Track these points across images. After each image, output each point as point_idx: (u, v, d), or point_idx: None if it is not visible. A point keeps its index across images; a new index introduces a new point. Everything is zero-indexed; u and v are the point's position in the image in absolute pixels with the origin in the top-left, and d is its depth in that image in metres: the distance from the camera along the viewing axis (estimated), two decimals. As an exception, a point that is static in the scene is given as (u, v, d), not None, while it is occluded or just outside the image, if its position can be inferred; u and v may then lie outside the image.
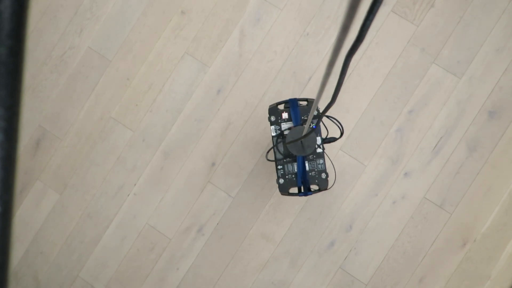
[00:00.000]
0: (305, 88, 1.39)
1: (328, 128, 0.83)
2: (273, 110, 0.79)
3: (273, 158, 0.79)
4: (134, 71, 1.45)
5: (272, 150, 0.79)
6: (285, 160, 0.78)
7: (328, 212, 1.38)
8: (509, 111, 1.33)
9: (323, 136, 0.79)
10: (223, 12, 1.42)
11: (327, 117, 0.81)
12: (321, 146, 0.77)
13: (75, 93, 1.47)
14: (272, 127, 0.79)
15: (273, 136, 0.79)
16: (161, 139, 1.44)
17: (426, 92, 1.35)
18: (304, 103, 0.81)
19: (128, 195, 1.45)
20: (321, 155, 0.77)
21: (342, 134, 0.78)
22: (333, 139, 0.79)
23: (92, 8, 1.47)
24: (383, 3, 1.38)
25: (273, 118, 0.79)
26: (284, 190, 0.78)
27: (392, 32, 1.37)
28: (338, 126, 0.78)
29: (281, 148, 0.78)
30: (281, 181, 0.78)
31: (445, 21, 1.35)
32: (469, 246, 1.34)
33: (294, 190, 0.79)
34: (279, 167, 0.78)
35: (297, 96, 1.38)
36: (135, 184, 1.44)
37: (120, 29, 1.46)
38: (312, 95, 1.39)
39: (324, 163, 0.77)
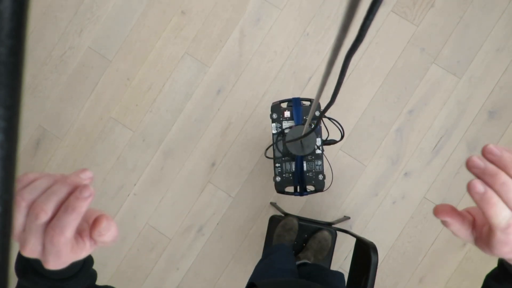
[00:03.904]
0: (305, 88, 1.39)
1: (329, 130, 0.83)
2: (276, 108, 0.79)
3: (271, 156, 0.79)
4: (134, 71, 1.45)
5: (272, 147, 0.79)
6: (283, 159, 0.78)
7: (328, 212, 1.38)
8: (509, 111, 1.33)
9: (324, 137, 0.78)
10: (223, 12, 1.42)
11: (329, 118, 0.81)
12: (321, 147, 0.77)
13: (75, 93, 1.47)
14: (273, 124, 0.79)
15: (273, 134, 0.78)
16: (161, 139, 1.44)
17: (426, 92, 1.35)
18: (308, 103, 0.80)
19: (128, 195, 1.45)
20: (320, 157, 0.77)
21: (342, 137, 0.77)
22: (333, 141, 0.79)
23: (92, 8, 1.46)
24: (383, 3, 1.38)
25: (275, 116, 0.79)
26: (280, 188, 0.78)
27: (392, 32, 1.36)
28: (339, 129, 0.78)
29: (281, 147, 0.78)
30: (278, 179, 0.78)
31: (445, 21, 1.35)
32: (469, 246, 1.33)
33: (291, 189, 0.79)
34: (277, 165, 0.78)
35: (298, 96, 1.38)
36: (135, 184, 1.44)
37: (120, 29, 1.45)
38: (312, 95, 1.38)
39: (322, 165, 0.77)
